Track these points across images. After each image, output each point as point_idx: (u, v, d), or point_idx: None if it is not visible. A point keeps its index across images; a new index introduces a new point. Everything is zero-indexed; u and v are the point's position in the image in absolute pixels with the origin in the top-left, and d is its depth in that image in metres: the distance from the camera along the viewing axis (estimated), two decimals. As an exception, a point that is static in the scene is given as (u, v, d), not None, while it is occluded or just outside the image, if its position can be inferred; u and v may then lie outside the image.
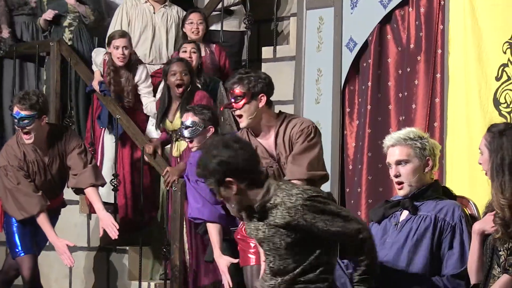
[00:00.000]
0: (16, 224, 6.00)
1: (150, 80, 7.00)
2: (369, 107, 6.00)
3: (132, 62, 6.96)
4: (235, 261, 5.17)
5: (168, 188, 6.30)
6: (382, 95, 5.97)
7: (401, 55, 5.87)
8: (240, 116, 4.71)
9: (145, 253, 6.65)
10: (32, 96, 5.85)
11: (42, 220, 5.88)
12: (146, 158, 6.67)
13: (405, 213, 4.43)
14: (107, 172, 6.83)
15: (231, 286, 5.19)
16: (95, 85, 6.98)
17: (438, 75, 5.60)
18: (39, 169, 5.96)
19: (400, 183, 4.40)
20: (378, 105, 5.97)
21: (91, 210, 6.77)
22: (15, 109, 5.85)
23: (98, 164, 6.73)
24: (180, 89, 6.39)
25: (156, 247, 6.66)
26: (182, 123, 5.69)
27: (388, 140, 4.47)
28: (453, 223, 4.28)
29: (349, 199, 6.05)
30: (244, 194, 3.95)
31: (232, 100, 4.72)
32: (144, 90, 6.95)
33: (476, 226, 4.03)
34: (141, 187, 6.71)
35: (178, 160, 6.35)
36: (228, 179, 3.91)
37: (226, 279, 5.22)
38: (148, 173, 6.85)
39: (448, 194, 4.47)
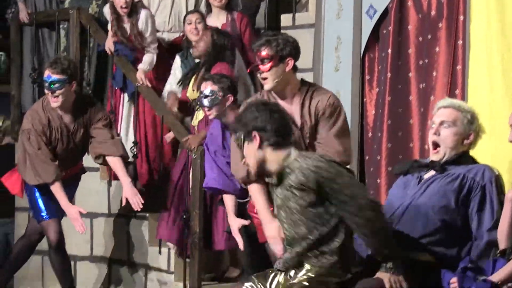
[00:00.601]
0: (37, 190, 6.05)
1: (154, 28, 6.93)
2: (389, 74, 5.93)
3: (135, 9, 6.88)
4: (247, 222, 5.21)
5: (189, 155, 6.28)
6: (402, 62, 5.89)
7: (422, 22, 5.78)
8: (266, 78, 4.69)
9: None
10: (64, 61, 5.93)
11: (56, 189, 5.94)
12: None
13: (431, 172, 4.44)
14: (123, 134, 6.85)
15: (242, 248, 5.24)
16: (110, 45, 6.91)
17: (460, 42, 5.52)
18: (62, 136, 5.99)
19: (436, 145, 4.41)
20: (398, 72, 5.91)
21: (112, 177, 6.80)
22: (47, 72, 5.91)
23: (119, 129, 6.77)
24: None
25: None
26: (201, 92, 5.69)
27: (442, 102, 4.52)
28: (482, 183, 4.28)
29: (369, 166, 6.04)
30: (265, 152, 4.09)
31: (259, 63, 4.69)
32: (149, 38, 6.86)
33: (510, 194, 4.03)
34: (161, 154, 6.70)
35: (196, 129, 6.35)
36: (254, 133, 4.08)
37: (239, 240, 5.26)
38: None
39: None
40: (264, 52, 4.67)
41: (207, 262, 6.31)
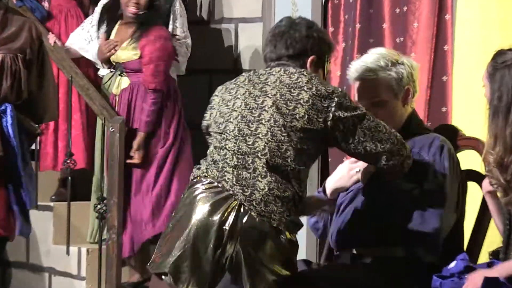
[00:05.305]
0: None
1: None
2: (358, 25, 5.66)
3: None
4: None
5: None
6: (375, 10, 5.59)
7: (399, -39, 5.56)
8: None
9: (79, 210, 6.10)
10: None
11: None
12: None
13: None
14: None
15: None
16: None
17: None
18: None
19: None
20: (370, 23, 5.62)
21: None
22: None
23: None
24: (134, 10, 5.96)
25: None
26: None
27: (352, 72, 3.73)
28: (428, 158, 3.68)
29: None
30: None
31: None
32: None
33: (484, 184, 3.48)
34: (69, 128, 6.09)
35: (117, 99, 5.89)
36: None
37: None
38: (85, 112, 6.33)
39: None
40: None
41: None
